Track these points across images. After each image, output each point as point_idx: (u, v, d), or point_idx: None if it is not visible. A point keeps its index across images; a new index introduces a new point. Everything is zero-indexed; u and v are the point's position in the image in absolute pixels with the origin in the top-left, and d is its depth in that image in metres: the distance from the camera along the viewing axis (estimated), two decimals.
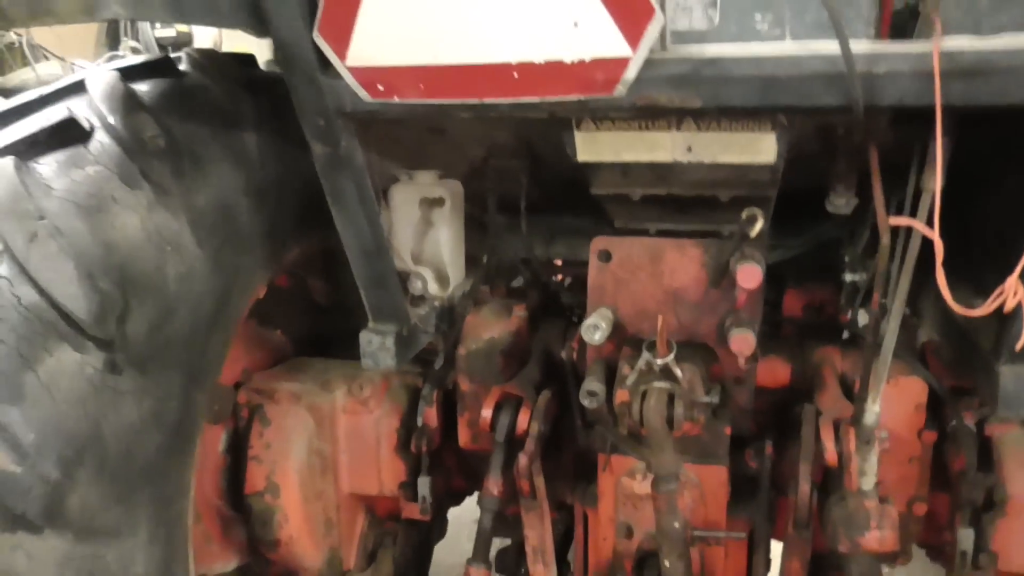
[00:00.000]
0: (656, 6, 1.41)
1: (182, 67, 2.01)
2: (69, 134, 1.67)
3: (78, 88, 1.79)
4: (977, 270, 1.74)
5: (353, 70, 1.63)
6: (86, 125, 1.70)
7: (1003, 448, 2.02)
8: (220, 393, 2.34)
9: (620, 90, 1.50)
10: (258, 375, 2.50)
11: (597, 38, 1.47)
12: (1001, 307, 1.40)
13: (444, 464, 2.53)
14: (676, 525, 1.78)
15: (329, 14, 1.58)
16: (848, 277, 2.18)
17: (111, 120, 1.72)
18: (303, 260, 2.36)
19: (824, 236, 2.37)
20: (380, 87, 1.64)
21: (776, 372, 2.19)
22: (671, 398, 1.82)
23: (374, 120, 1.79)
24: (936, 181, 1.38)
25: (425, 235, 2.19)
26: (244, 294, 2.03)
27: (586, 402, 1.96)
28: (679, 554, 1.80)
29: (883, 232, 1.64)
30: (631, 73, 1.48)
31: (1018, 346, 1.44)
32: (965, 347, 1.93)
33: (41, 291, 1.48)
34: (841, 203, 1.93)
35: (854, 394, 2.05)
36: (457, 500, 2.81)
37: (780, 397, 2.23)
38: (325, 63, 1.65)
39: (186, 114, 1.87)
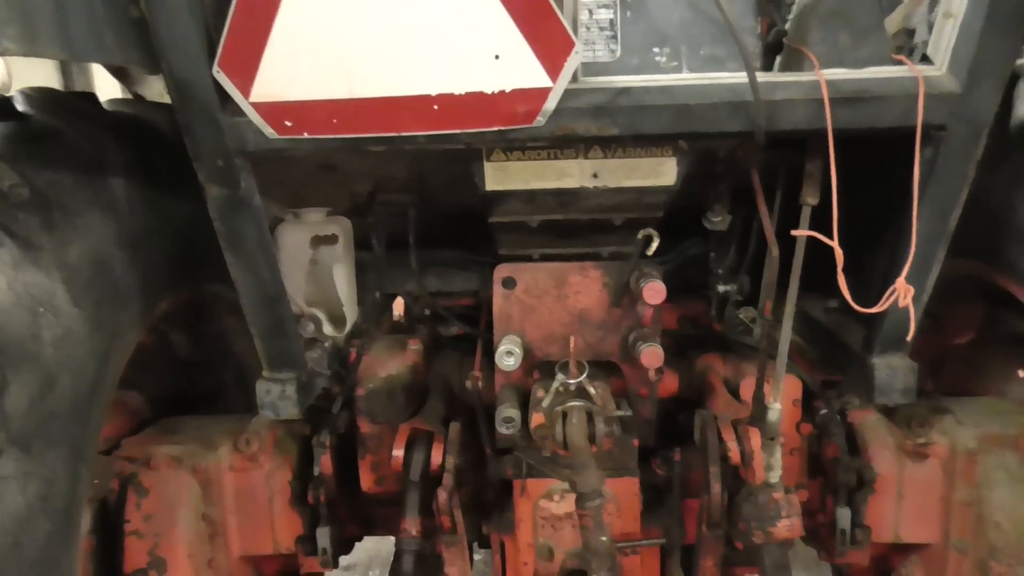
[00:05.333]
0: (575, 39, 1.47)
1: (22, 108, 1.80)
2: None
3: None
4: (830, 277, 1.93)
5: (258, 106, 1.55)
6: None
7: (865, 432, 2.25)
8: (98, 465, 2.09)
9: (540, 120, 1.55)
10: (126, 441, 2.26)
11: (518, 70, 1.50)
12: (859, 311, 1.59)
13: (338, 513, 2.42)
14: (604, 540, 1.82)
15: (231, 48, 1.50)
16: (721, 288, 2.35)
17: None
18: (169, 314, 2.18)
19: (689, 252, 2.55)
20: (288, 123, 1.57)
21: (666, 382, 2.31)
22: (590, 416, 1.87)
23: (270, 159, 1.71)
24: (833, 196, 1.53)
25: (316, 275, 2.10)
26: (122, 354, 1.85)
27: (503, 429, 1.97)
28: (609, 568, 1.83)
29: (772, 245, 1.80)
30: (551, 104, 1.53)
31: (909, 336, 1.63)
32: (832, 346, 2.14)
33: None
34: (718, 220, 2.10)
35: (740, 396, 2.22)
36: (347, 548, 2.69)
37: (669, 406, 2.35)
38: (224, 100, 1.55)
39: (44, 160, 1.67)
